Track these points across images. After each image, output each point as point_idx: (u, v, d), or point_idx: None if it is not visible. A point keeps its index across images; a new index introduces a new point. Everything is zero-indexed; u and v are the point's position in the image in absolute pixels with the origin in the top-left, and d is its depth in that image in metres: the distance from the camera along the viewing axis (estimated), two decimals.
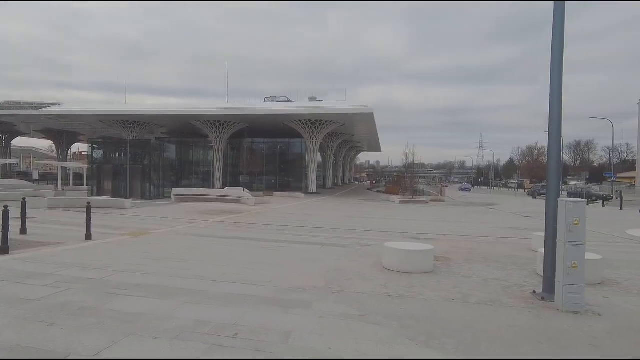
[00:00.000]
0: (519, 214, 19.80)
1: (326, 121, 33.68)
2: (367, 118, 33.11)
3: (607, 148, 73.54)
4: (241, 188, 27.69)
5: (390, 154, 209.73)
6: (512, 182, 72.24)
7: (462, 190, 61.41)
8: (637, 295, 5.38)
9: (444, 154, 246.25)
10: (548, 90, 5.20)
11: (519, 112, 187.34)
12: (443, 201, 30.41)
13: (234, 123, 34.98)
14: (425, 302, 4.83)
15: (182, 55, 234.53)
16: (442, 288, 5.50)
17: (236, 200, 21.15)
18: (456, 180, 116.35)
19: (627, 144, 73.09)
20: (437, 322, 4.13)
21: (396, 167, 53.17)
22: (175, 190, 23.46)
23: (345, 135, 45.74)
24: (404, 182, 36.99)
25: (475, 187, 76.59)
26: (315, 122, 33.50)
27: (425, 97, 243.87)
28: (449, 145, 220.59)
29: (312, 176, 35.55)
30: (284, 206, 21.24)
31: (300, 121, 33.63)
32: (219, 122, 34.26)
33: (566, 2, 5.12)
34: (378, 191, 45.51)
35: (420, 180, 66.12)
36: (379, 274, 6.28)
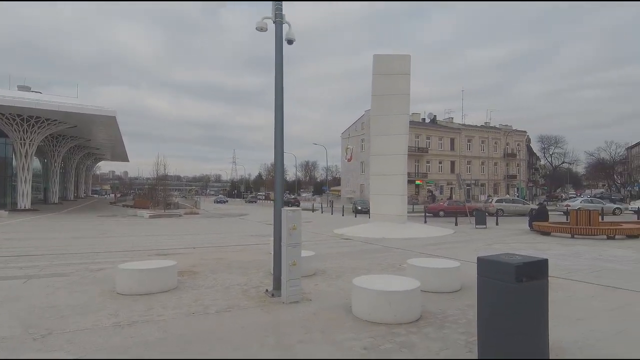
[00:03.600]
0: (264, 222, 22.32)
1: (48, 119, 26.63)
2: (109, 121, 28.68)
3: (324, 168, 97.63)
4: None
5: (141, 164, 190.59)
6: (260, 194, 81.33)
7: (218, 202, 63.47)
8: (336, 279, 7.05)
9: (201, 167, 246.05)
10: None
11: (268, 133, 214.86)
12: (198, 214, 30.22)
13: None
14: (162, 324, 4.46)
15: None
16: (183, 304, 5.28)
17: None
18: (212, 192, 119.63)
19: (336, 165, 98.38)
20: (170, 343, 3.88)
21: (147, 178, 48.55)
22: None
23: (79, 139, 37.91)
24: (155, 195, 34.24)
25: (230, 199, 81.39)
26: (29, 118, 25.81)
27: (181, 109, 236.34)
28: (207, 159, 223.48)
29: (24, 188, 26.99)
30: None
31: (4, 115, 25.05)
32: None
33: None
34: (124, 205, 40.06)
35: (176, 193, 63.45)
36: (109, 302, 5.34)
